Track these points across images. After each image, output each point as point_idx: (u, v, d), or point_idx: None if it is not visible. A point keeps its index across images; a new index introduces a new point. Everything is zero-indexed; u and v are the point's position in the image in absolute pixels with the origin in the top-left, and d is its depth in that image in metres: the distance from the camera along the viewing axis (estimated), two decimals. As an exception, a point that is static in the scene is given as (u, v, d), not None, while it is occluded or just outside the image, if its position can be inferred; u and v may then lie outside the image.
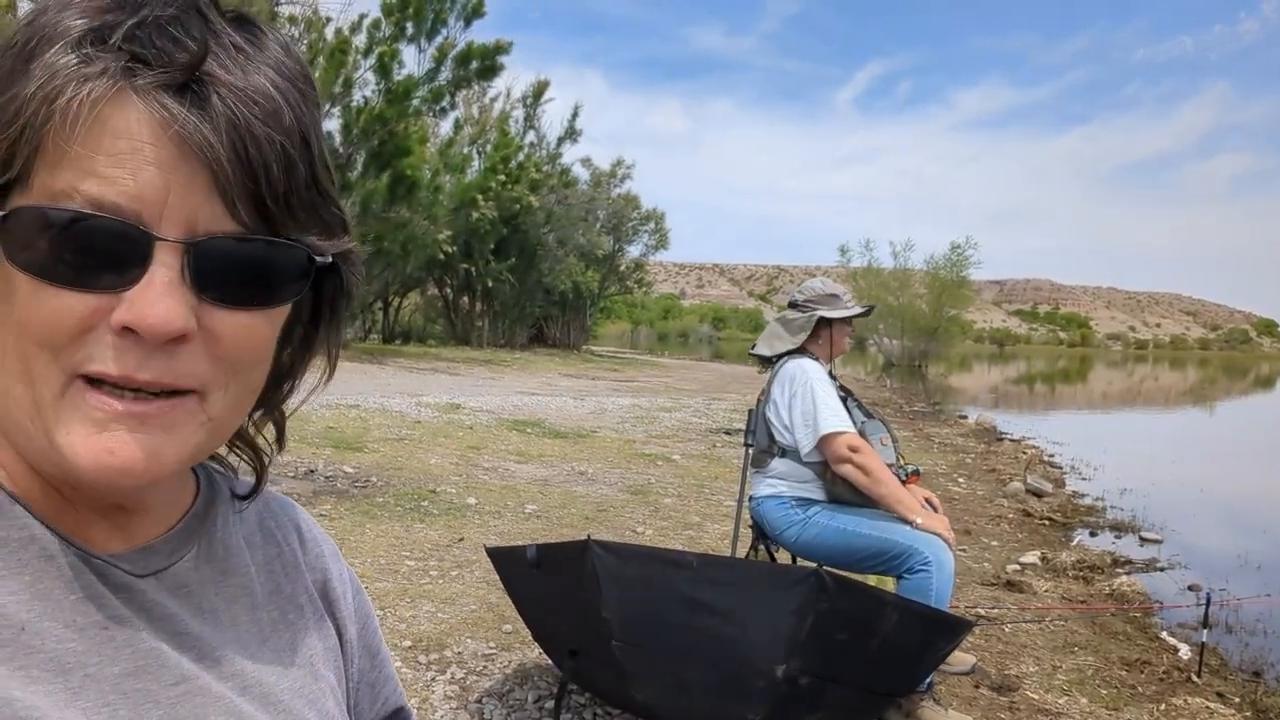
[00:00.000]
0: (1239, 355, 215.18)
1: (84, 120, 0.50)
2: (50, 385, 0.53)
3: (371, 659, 0.81)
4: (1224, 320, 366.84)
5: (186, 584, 0.64)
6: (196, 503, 0.69)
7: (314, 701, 0.68)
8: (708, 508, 7.18)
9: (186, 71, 0.52)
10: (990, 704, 3.77)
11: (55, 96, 0.50)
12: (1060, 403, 28.89)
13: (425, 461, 8.20)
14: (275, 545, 0.75)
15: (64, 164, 0.51)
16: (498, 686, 3.53)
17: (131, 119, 0.51)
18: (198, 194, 0.53)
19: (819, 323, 3.89)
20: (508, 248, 31.98)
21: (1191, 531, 8.20)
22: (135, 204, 0.51)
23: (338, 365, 0.70)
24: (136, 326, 0.52)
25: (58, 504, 0.59)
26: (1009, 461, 11.52)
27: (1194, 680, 4.25)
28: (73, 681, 0.54)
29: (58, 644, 0.54)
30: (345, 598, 0.79)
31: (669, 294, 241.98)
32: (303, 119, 0.56)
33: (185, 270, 0.53)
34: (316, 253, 0.59)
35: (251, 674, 0.65)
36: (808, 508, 3.64)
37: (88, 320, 0.52)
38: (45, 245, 0.51)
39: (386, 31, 21.88)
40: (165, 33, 0.52)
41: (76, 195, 0.51)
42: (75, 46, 0.51)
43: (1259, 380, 56.07)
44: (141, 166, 0.51)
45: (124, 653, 0.57)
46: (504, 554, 3.28)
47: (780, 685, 2.65)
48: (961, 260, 42.99)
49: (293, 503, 0.81)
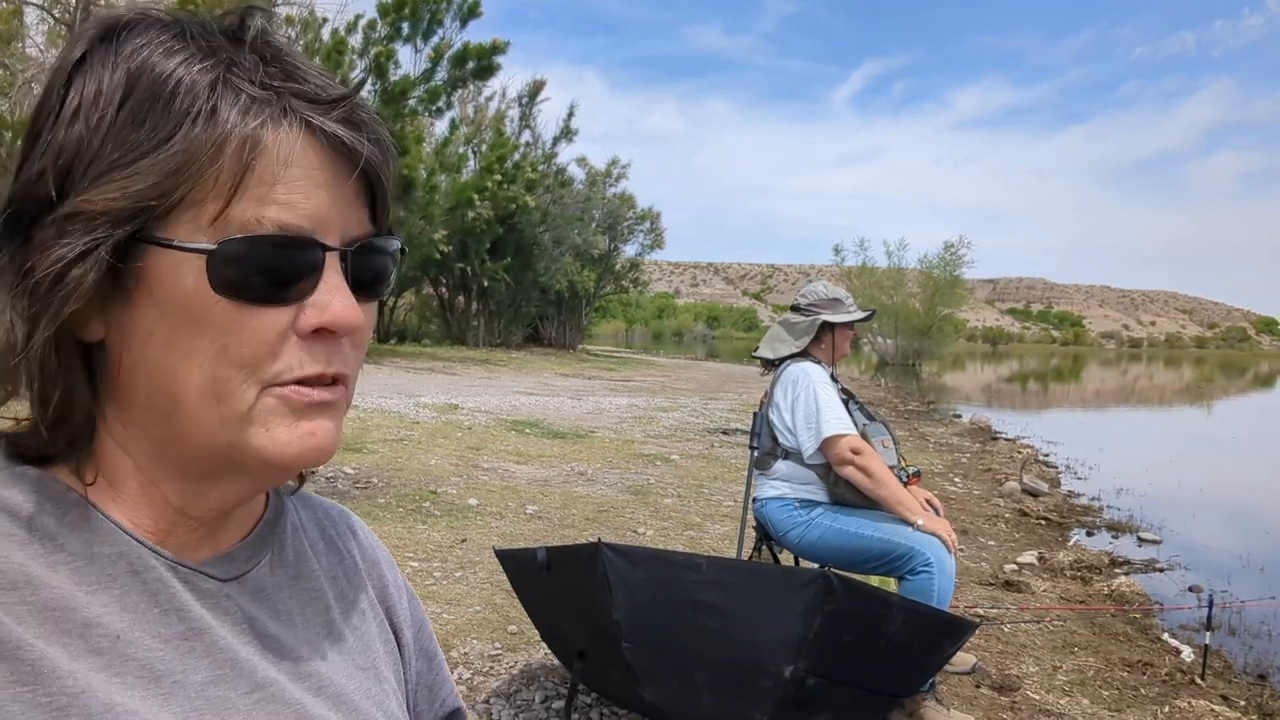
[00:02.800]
0: (1236, 354, 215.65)
1: (282, 156, 0.57)
2: (245, 400, 0.59)
3: (429, 662, 0.85)
4: (1221, 318, 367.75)
5: (264, 588, 0.68)
6: (267, 510, 0.73)
7: (380, 703, 0.72)
8: (708, 508, 7.21)
9: (349, 102, 0.60)
10: (991, 704, 3.80)
11: (257, 138, 0.56)
12: (1054, 402, 28.97)
13: (425, 462, 8.21)
14: (337, 552, 0.79)
15: (250, 196, 0.56)
16: (505, 687, 3.56)
17: (303, 148, 0.58)
18: (348, 205, 0.61)
19: (821, 326, 3.92)
20: (503, 247, 31.97)
21: (1190, 532, 8.22)
22: (312, 222, 0.59)
23: None
24: (334, 326, 0.59)
25: (166, 521, 0.63)
26: (1004, 461, 11.55)
27: (1198, 683, 4.27)
28: (163, 688, 0.58)
29: (148, 653, 0.58)
30: (401, 602, 0.83)
31: (664, 293, 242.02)
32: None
33: (346, 273, 0.61)
34: (402, 248, 0.69)
35: (325, 675, 0.68)
36: (811, 509, 3.67)
37: (285, 333, 0.59)
38: (244, 271, 0.57)
39: (382, 32, 21.88)
40: (296, 71, 0.59)
41: (266, 222, 0.57)
42: (232, 89, 0.57)
43: (1258, 379, 56.18)
44: (313, 189, 0.58)
45: (204, 662, 0.61)
46: (513, 556, 3.31)
47: (788, 686, 2.68)
48: (955, 259, 43.05)
49: (349, 511, 0.85)
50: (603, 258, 38.43)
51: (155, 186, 0.55)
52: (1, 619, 0.53)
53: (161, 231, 0.56)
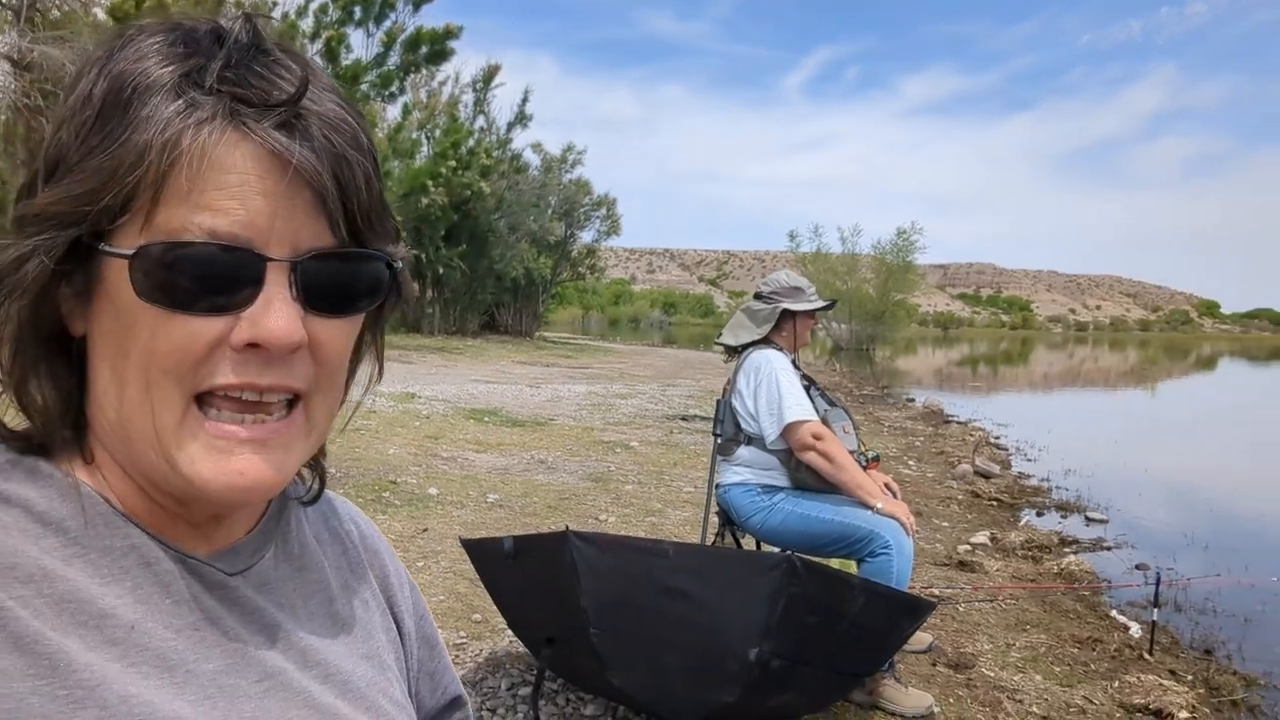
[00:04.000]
0: (1180, 336, 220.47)
1: (205, 161, 0.55)
2: (173, 411, 0.58)
3: (430, 650, 0.87)
4: (1165, 302, 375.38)
5: (269, 581, 0.69)
6: (271, 505, 0.74)
7: (384, 690, 0.73)
8: (668, 494, 7.26)
9: (292, 107, 0.57)
10: (948, 681, 3.90)
11: (175, 143, 0.55)
12: (1004, 385, 29.47)
13: (383, 452, 8.16)
14: (340, 543, 0.80)
15: (178, 202, 0.55)
16: (470, 675, 3.57)
17: (238, 154, 0.56)
18: (300, 216, 0.58)
19: (783, 314, 3.97)
20: (458, 234, 31.70)
21: (1136, 511, 8.44)
22: (247, 231, 0.56)
23: None
24: (263, 341, 0.57)
25: (161, 520, 0.64)
26: (957, 444, 11.75)
27: (1146, 658, 4.39)
28: (177, 677, 0.59)
29: (162, 642, 0.59)
30: (403, 591, 0.85)
31: (620, 279, 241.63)
32: (370, 138, 0.62)
33: (293, 286, 0.58)
34: (393, 259, 0.65)
35: (331, 664, 0.70)
36: (773, 494, 3.73)
37: (214, 343, 0.57)
38: (171, 277, 0.56)
39: (334, 16, 21.54)
40: (252, 71, 0.57)
41: (194, 229, 0.56)
42: (177, 93, 0.56)
43: (1200, 361, 57.58)
44: (250, 197, 0.56)
45: (215, 651, 0.62)
46: (479, 545, 3.32)
47: (753, 668, 2.73)
48: (907, 245, 43.53)
49: (351, 504, 0.86)
50: (559, 244, 38.26)
51: (91, 192, 0.56)
52: (19, 613, 0.54)
53: (113, 236, 0.57)
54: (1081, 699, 3.82)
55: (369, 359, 0.75)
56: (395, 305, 0.73)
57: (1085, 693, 3.89)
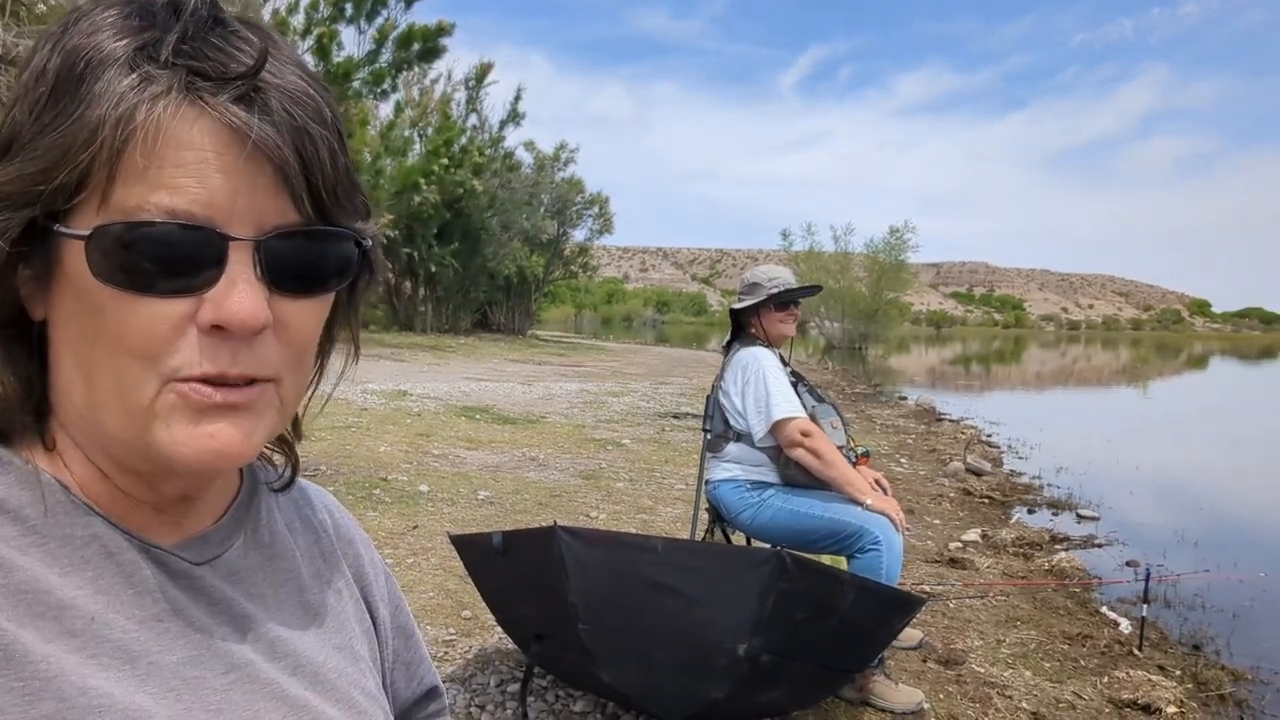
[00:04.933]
0: (1171, 335, 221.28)
1: (161, 137, 0.53)
2: (145, 390, 0.57)
3: (406, 640, 0.86)
4: (1157, 301, 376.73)
5: (238, 570, 0.68)
6: (240, 492, 0.72)
7: (357, 681, 0.72)
8: (659, 491, 7.25)
9: (250, 80, 0.55)
10: (938, 677, 3.89)
11: (130, 118, 0.53)
12: (996, 383, 29.53)
13: (374, 449, 8.14)
14: (313, 532, 0.79)
15: (134, 180, 0.54)
16: (460, 672, 3.56)
17: (196, 130, 0.54)
18: (263, 193, 0.56)
19: (749, 312, 3.96)
20: (451, 232, 31.65)
21: (1127, 509, 8.45)
22: (207, 210, 0.54)
23: None
24: (226, 324, 0.55)
25: (123, 505, 0.62)
26: (949, 442, 11.77)
27: (1135, 654, 4.40)
28: (139, 669, 0.57)
29: (123, 634, 0.58)
30: (378, 581, 0.83)
31: (613, 278, 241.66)
32: (335, 112, 0.60)
33: (257, 265, 0.57)
34: (362, 236, 0.63)
35: (301, 655, 0.68)
36: (762, 490, 3.72)
37: (179, 325, 0.56)
38: (130, 259, 0.54)
39: (325, 12, 21.47)
40: (209, 44, 0.55)
41: (151, 208, 0.54)
42: (131, 67, 0.54)
43: (1191, 360, 57.74)
44: (209, 174, 0.54)
45: (179, 642, 0.60)
46: (467, 541, 3.31)
47: (742, 664, 2.72)
48: (900, 244, 43.63)
49: (326, 492, 0.85)
50: (551, 243, 38.23)
51: (44, 171, 0.54)
52: None
53: (69, 217, 0.55)
54: (1071, 694, 3.82)
55: (344, 342, 0.73)
56: (369, 285, 0.70)
57: (1075, 688, 3.89)
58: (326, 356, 0.73)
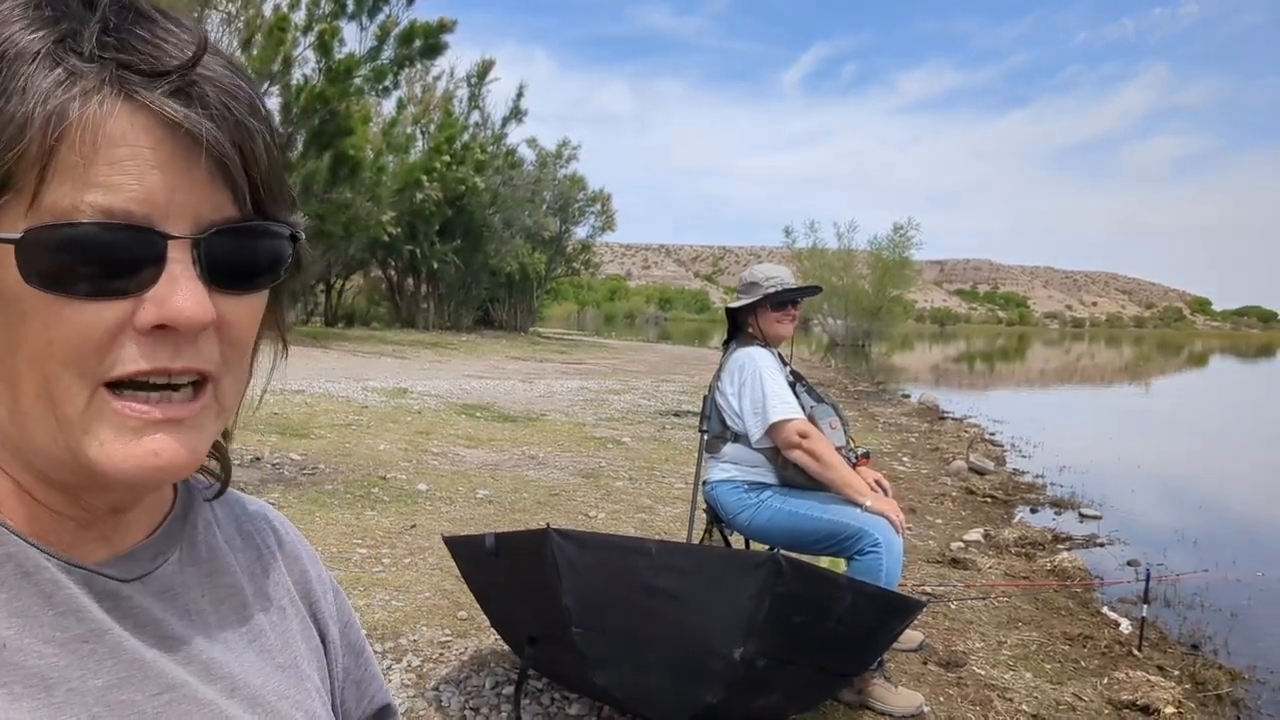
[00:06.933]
0: (1173, 333, 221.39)
1: (95, 135, 0.50)
2: (75, 401, 0.54)
3: (356, 657, 0.83)
4: (1159, 299, 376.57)
5: (172, 587, 0.64)
6: (175, 506, 0.69)
7: (300, 703, 0.69)
8: (659, 490, 7.23)
9: (185, 73, 0.53)
10: (939, 680, 3.86)
11: (61, 115, 0.50)
12: (1000, 381, 29.50)
13: (374, 447, 8.12)
14: (255, 548, 0.75)
15: (66, 179, 0.51)
16: (455, 674, 3.53)
17: (128, 125, 0.51)
18: (199, 188, 0.54)
19: (745, 312, 3.92)
20: (453, 229, 31.68)
21: (1129, 508, 8.42)
22: (144, 207, 0.52)
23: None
24: (173, 322, 0.53)
25: (46, 522, 0.59)
26: (952, 440, 11.74)
27: (1135, 654, 4.37)
28: (56, 696, 0.54)
29: (39, 659, 0.54)
30: (326, 598, 0.80)
31: (615, 275, 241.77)
32: (264, 102, 0.58)
33: (197, 263, 0.55)
34: (296, 230, 0.62)
35: (239, 676, 0.65)
36: (760, 492, 3.69)
37: (115, 329, 0.53)
38: (62, 261, 0.51)
39: (327, 9, 21.45)
40: (135, 36, 0.53)
41: (85, 208, 0.51)
42: (53, 61, 0.51)
43: (1193, 357, 57.69)
44: (145, 171, 0.52)
45: (106, 664, 0.57)
46: (462, 543, 3.28)
47: (738, 667, 2.69)
48: (904, 241, 43.60)
49: (268, 506, 0.81)
50: (554, 240, 38.24)
51: None
52: None
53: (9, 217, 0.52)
54: (1071, 696, 3.79)
55: (271, 338, 0.70)
56: (296, 280, 0.67)
57: (1075, 690, 3.86)
58: (255, 354, 0.70)
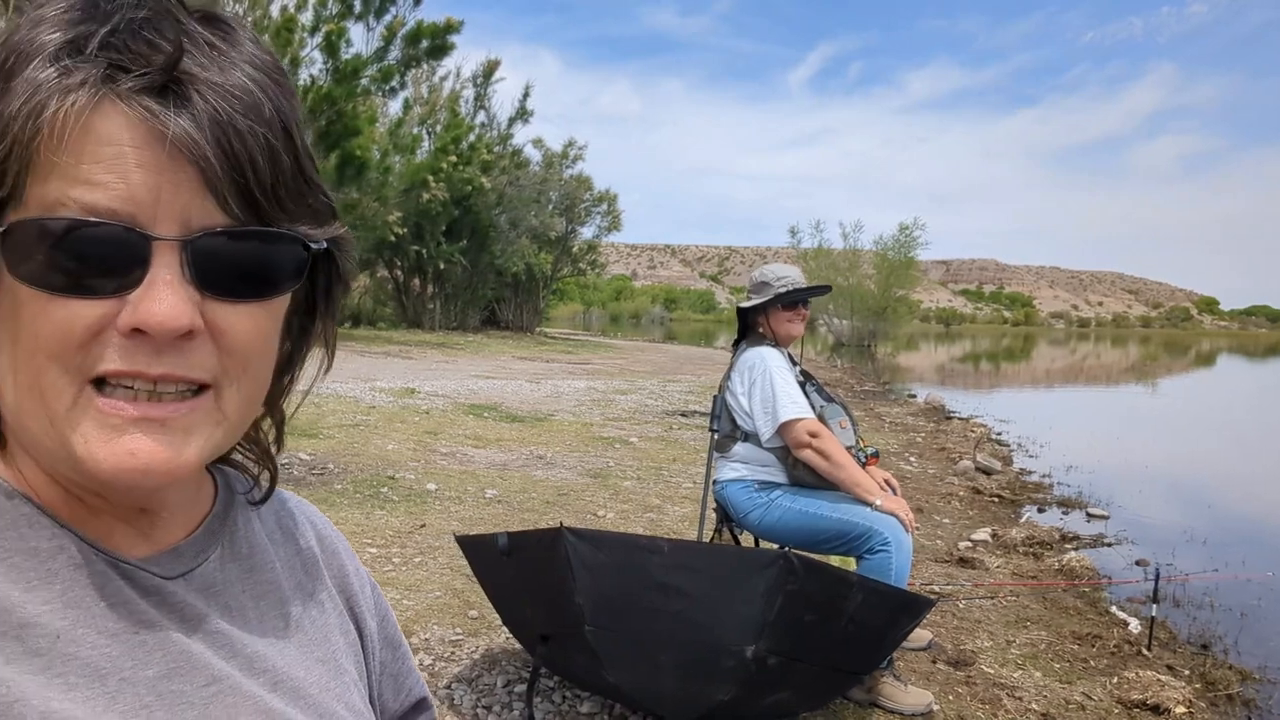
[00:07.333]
0: (1180, 333, 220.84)
1: (70, 131, 0.51)
2: (63, 397, 0.54)
3: (393, 651, 0.84)
4: (1166, 298, 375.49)
5: (213, 583, 0.66)
6: (216, 504, 0.70)
7: (340, 695, 0.70)
8: (667, 490, 7.24)
9: (165, 73, 0.52)
10: (948, 679, 3.87)
11: (40, 111, 0.51)
12: (1006, 381, 29.43)
13: (382, 447, 8.15)
14: (294, 543, 0.76)
15: (54, 175, 0.52)
16: (466, 672, 3.55)
17: (114, 124, 0.52)
18: (188, 191, 0.53)
19: (756, 311, 3.94)
20: (459, 229, 31.70)
21: (1137, 508, 8.41)
22: (129, 206, 0.52)
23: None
24: (144, 326, 0.53)
25: (81, 512, 0.60)
26: (958, 440, 11.72)
27: (1144, 654, 4.37)
28: (109, 686, 0.55)
29: (92, 650, 0.55)
30: (364, 592, 0.81)
31: (621, 275, 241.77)
32: (282, 110, 0.57)
33: (185, 267, 0.54)
34: (309, 241, 0.60)
35: (281, 670, 0.66)
36: (770, 491, 3.70)
37: (95, 327, 0.53)
38: (45, 257, 0.52)
39: (334, 9, 21.46)
40: (139, 37, 0.53)
41: (70, 204, 0.52)
42: (54, 60, 0.52)
43: (1200, 357, 57.48)
44: (129, 170, 0.52)
45: (156, 655, 0.58)
46: (474, 542, 3.30)
47: (749, 665, 2.71)
48: (909, 241, 43.50)
49: (306, 502, 0.83)
50: (559, 240, 38.24)
51: None
52: None
53: (3, 212, 0.53)
54: (1080, 695, 3.80)
55: (319, 348, 0.70)
56: (343, 291, 0.68)
57: (1084, 689, 3.87)
58: (298, 366, 0.70)
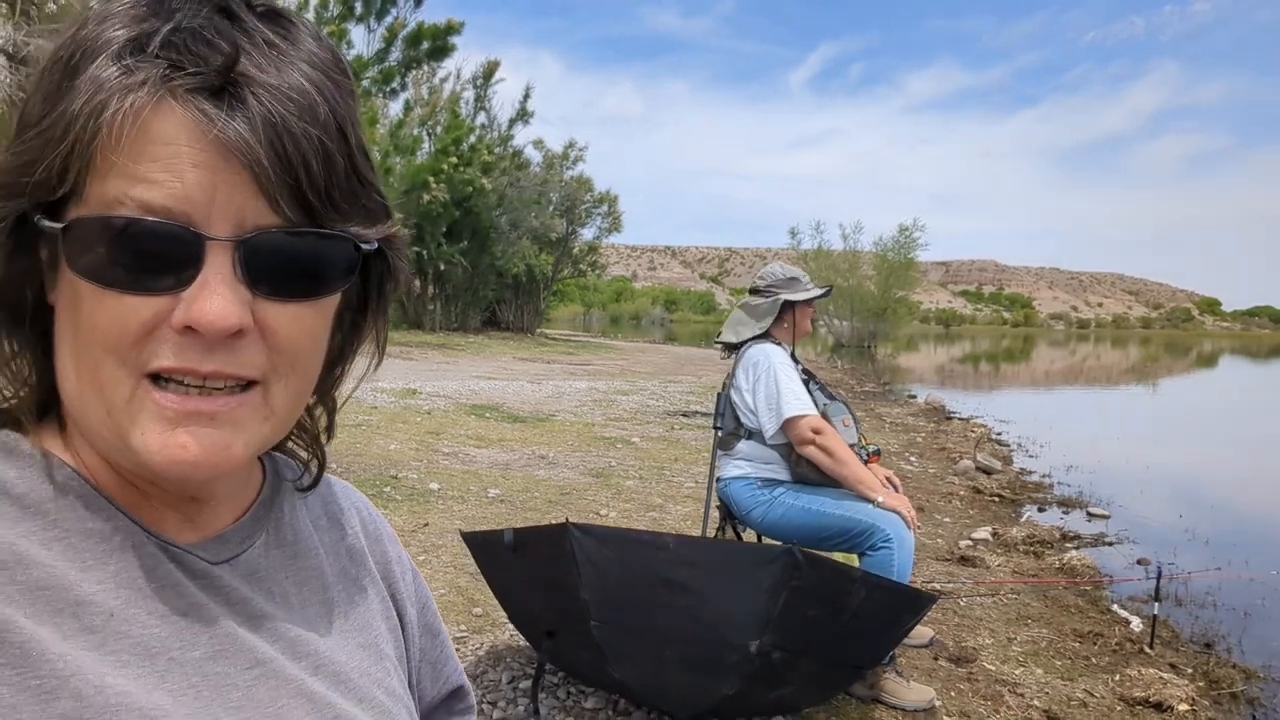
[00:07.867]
0: (1181, 334, 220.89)
1: (129, 130, 0.52)
2: (120, 389, 0.56)
3: (433, 638, 0.85)
4: (1167, 299, 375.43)
5: (258, 569, 0.67)
6: (263, 490, 0.71)
7: (380, 681, 0.71)
8: (669, 489, 7.25)
9: (221, 74, 0.53)
10: (949, 675, 3.89)
11: (101, 110, 0.52)
12: (1006, 382, 29.43)
13: (385, 447, 8.16)
14: (339, 528, 0.78)
15: (113, 173, 0.53)
16: (471, 668, 3.57)
17: (171, 124, 0.53)
18: (242, 192, 0.54)
19: (783, 306, 3.96)
20: (460, 230, 31.71)
21: (1138, 507, 8.41)
22: (184, 205, 0.53)
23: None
24: (196, 325, 0.54)
25: (135, 498, 0.62)
26: (958, 440, 11.73)
27: (1146, 652, 4.39)
28: (159, 665, 0.57)
29: (143, 630, 0.57)
30: (405, 579, 0.82)
31: (621, 276, 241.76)
32: (338, 110, 0.58)
33: (237, 267, 0.55)
34: (361, 241, 0.60)
35: (323, 655, 0.67)
36: (773, 488, 3.72)
37: (150, 324, 0.55)
38: (104, 252, 0.53)
39: (335, 11, 21.52)
40: (199, 37, 0.54)
41: (128, 201, 0.53)
42: (117, 58, 0.53)
43: (1201, 358, 57.46)
44: (185, 169, 0.53)
45: (202, 638, 0.60)
46: (479, 539, 3.32)
47: (753, 660, 2.73)
48: (909, 242, 43.55)
49: (353, 487, 0.84)
50: (560, 241, 38.27)
51: (28, 164, 0.54)
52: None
53: (62, 208, 0.55)
54: (1082, 692, 3.82)
55: (369, 346, 0.72)
56: (394, 290, 0.69)
57: (1086, 686, 3.89)
58: (349, 360, 0.72)
